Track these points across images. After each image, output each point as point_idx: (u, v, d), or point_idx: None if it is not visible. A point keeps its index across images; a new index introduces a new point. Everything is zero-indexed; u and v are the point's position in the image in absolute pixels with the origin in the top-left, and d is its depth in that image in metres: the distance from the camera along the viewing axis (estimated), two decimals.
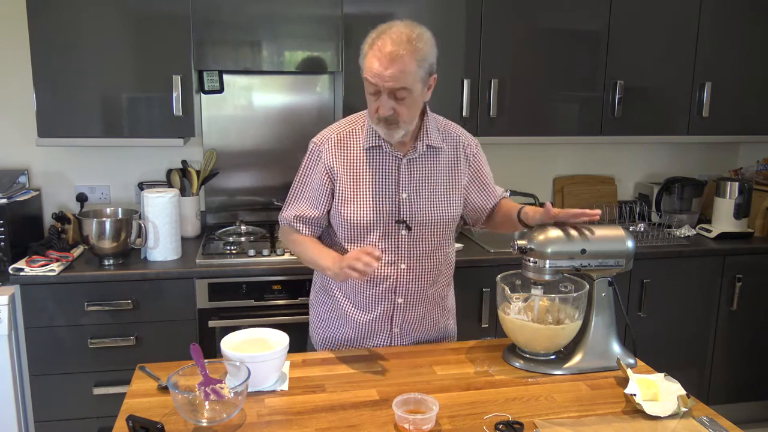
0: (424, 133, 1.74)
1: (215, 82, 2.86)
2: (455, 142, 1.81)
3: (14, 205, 2.56)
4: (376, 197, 1.72)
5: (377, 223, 1.73)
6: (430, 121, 1.76)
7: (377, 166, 1.73)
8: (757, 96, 3.09)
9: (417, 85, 1.60)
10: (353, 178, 1.73)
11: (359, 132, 1.75)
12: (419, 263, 1.77)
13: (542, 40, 2.84)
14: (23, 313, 2.36)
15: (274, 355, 1.49)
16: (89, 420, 2.46)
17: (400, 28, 1.58)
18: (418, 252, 1.76)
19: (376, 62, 1.56)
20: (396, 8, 2.69)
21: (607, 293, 1.66)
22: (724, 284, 2.94)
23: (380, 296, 1.77)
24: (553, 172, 3.39)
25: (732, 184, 3.01)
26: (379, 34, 1.59)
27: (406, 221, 1.73)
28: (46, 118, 2.49)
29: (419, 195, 1.74)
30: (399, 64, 1.55)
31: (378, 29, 1.61)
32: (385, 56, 1.55)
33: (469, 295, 2.69)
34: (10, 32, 2.73)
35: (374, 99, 1.62)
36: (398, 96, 1.59)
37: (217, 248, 2.64)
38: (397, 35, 1.56)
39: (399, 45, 1.55)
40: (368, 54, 1.59)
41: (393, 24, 1.61)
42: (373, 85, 1.59)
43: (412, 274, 1.77)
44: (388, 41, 1.56)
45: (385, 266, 1.75)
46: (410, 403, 1.38)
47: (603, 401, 1.48)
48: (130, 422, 1.28)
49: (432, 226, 1.77)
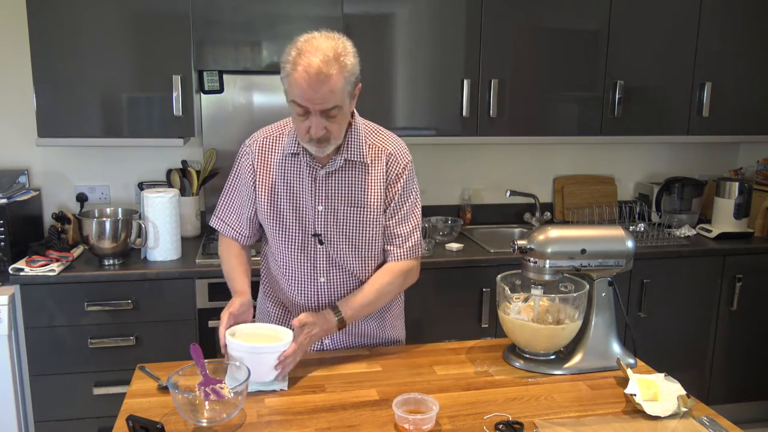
0: (345, 147, 1.63)
1: (215, 82, 2.86)
2: (384, 157, 1.67)
3: (14, 205, 2.56)
4: (293, 207, 1.67)
5: (292, 234, 1.68)
6: (355, 133, 1.65)
7: (295, 175, 1.66)
8: (757, 96, 3.09)
9: (346, 100, 1.51)
10: (270, 185, 1.67)
11: (284, 137, 1.67)
12: (339, 278, 1.71)
13: (542, 40, 2.84)
14: (23, 313, 2.36)
15: (277, 348, 1.48)
16: (89, 420, 2.46)
17: (322, 43, 1.46)
18: (337, 267, 1.70)
19: (305, 84, 1.44)
20: (396, 8, 2.69)
21: (607, 293, 1.66)
22: (724, 284, 2.94)
23: (305, 306, 1.74)
24: (553, 172, 3.39)
25: (732, 184, 3.01)
26: (301, 52, 1.45)
27: (320, 235, 1.66)
28: (46, 118, 2.49)
29: (335, 209, 1.66)
30: (329, 84, 1.44)
31: (297, 45, 1.47)
32: (312, 77, 1.43)
33: (469, 295, 2.69)
34: (10, 32, 2.73)
35: (303, 119, 1.51)
36: (330, 115, 1.49)
37: (217, 248, 2.63)
38: (323, 52, 1.44)
39: (326, 64, 1.43)
40: (293, 74, 1.45)
41: (313, 38, 1.47)
42: (302, 108, 1.48)
43: (332, 288, 1.71)
44: (314, 60, 1.43)
45: (305, 279, 1.71)
46: (410, 403, 1.37)
47: (603, 401, 1.48)
48: (130, 422, 1.28)
49: (349, 243, 1.68)
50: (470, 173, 3.28)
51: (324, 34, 1.49)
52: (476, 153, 3.26)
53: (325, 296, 1.73)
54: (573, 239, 1.61)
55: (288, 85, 1.49)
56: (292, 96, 1.49)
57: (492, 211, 3.30)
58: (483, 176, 3.30)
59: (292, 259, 1.71)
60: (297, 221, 1.67)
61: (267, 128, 1.74)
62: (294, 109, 1.51)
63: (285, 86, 1.50)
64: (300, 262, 1.71)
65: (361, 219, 1.67)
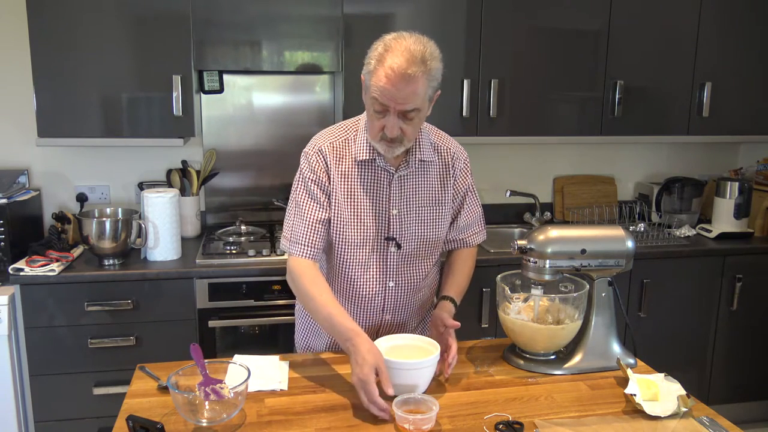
0: (417, 148, 1.65)
1: (215, 82, 2.86)
2: (446, 155, 1.72)
3: (14, 205, 2.56)
4: (367, 213, 1.65)
5: (366, 240, 1.67)
6: (424, 133, 1.68)
7: (369, 180, 1.65)
8: (757, 96, 3.09)
9: (426, 104, 1.52)
10: (346, 192, 1.64)
11: (351, 142, 1.65)
12: (407, 280, 1.73)
13: (542, 40, 2.84)
14: (23, 313, 2.36)
15: (435, 360, 1.47)
16: (89, 420, 2.46)
17: (410, 45, 1.45)
18: (406, 269, 1.72)
19: (388, 83, 1.44)
20: (396, 8, 2.69)
21: (607, 293, 1.66)
22: (724, 284, 2.94)
23: (368, 315, 1.75)
24: (553, 172, 3.39)
25: (732, 184, 3.01)
26: (388, 49, 1.46)
27: (395, 238, 1.67)
28: (46, 118, 2.48)
29: (409, 212, 1.68)
30: (413, 86, 1.44)
31: (385, 42, 1.48)
32: (398, 76, 1.43)
33: (469, 295, 2.68)
34: (10, 32, 2.72)
35: (379, 117, 1.51)
36: (408, 116, 1.49)
37: (217, 248, 2.64)
38: (410, 53, 1.44)
39: (413, 64, 1.43)
40: (377, 70, 1.46)
41: (401, 37, 1.47)
42: (381, 104, 1.48)
43: (400, 290, 1.73)
44: (402, 59, 1.43)
45: (374, 284, 1.71)
46: (410, 403, 1.38)
47: (603, 401, 1.48)
48: (130, 422, 1.28)
49: (420, 243, 1.71)
50: None
51: (413, 36, 1.48)
52: (476, 153, 3.25)
53: (391, 300, 1.74)
54: (573, 239, 1.61)
55: (370, 81, 1.49)
56: (373, 93, 1.48)
57: (492, 211, 3.29)
58: (483, 176, 3.29)
59: (364, 265, 1.68)
60: (370, 227, 1.66)
61: (328, 133, 1.68)
62: (372, 105, 1.51)
63: (367, 82, 1.51)
64: (372, 267, 1.69)
65: (433, 218, 1.71)
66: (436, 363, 1.49)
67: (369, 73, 1.49)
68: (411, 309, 1.79)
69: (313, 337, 1.84)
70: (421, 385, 1.46)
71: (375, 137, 1.56)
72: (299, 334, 1.89)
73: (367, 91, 1.52)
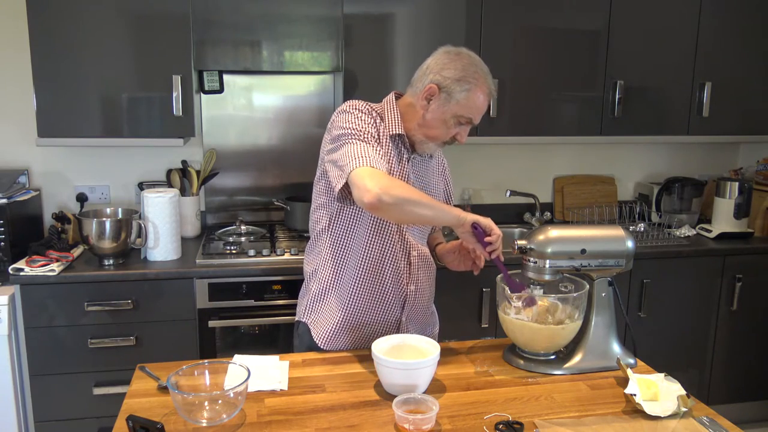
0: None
1: (215, 82, 2.86)
2: (439, 153, 1.88)
3: (14, 205, 2.56)
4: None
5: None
6: None
7: (393, 155, 1.69)
8: (757, 96, 3.09)
9: None
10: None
11: (379, 120, 1.69)
12: (426, 281, 1.83)
13: (542, 40, 2.84)
14: (23, 313, 2.36)
15: (434, 360, 1.47)
16: (89, 420, 2.46)
17: (482, 63, 1.64)
18: (425, 267, 1.81)
19: (483, 104, 1.63)
20: (396, 8, 2.69)
21: (607, 293, 1.66)
22: (724, 284, 2.94)
23: (387, 321, 1.79)
24: (553, 172, 3.39)
25: (732, 184, 3.01)
26: (484, 74, 1.62)
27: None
28: (46, 118, 2.49)
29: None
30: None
31: (475, 63, 1.62)
32: (489, 95, 1.63)
33: (469, 295, 2.69)
34: (10, 32, 2.73)
35: (455, 126, 1.66)
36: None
37: (217, 248, 2.64)
38: (488, 72, 1.63)
39: (492, 83, 1.64)
40: (475, 92, 1.61)
41: (473, 55, 1.64)
42: (468, 119, 1.64)
43: (419, 292, 1.81)
44: (489, 79, 1.63)
45: (395, 289, 1.76)
46: (410, 403, 1.37)
47: (603, 401, 1.48)
48: (130, 422, 1.28)
49: (422, 229, 1.84)
50: (470, 173, 3.28)
51: (471, 52, 1.65)
52: (476, 153, 3.26)
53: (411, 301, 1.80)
54: (573, 239, 1.61)
55: (465, 99, 1.61)
56: (464, 111, 1.62)
57: (492, 211, 3.29)
58: (483, 176, 3.30)
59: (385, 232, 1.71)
60: None
61: (361, 102, 1.70)
62: (457, 117, 1.64)
63: (457, 97, 1.61)
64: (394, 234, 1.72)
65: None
66: (436, 363, 1.49)
67: (464, 90, 1.61)
68: (423, 310, 1.86)
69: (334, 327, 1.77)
70: (421, 385, 1.46)
71: (437, 141, 1.68)
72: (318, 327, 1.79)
73: (450, 102, 1.62)
